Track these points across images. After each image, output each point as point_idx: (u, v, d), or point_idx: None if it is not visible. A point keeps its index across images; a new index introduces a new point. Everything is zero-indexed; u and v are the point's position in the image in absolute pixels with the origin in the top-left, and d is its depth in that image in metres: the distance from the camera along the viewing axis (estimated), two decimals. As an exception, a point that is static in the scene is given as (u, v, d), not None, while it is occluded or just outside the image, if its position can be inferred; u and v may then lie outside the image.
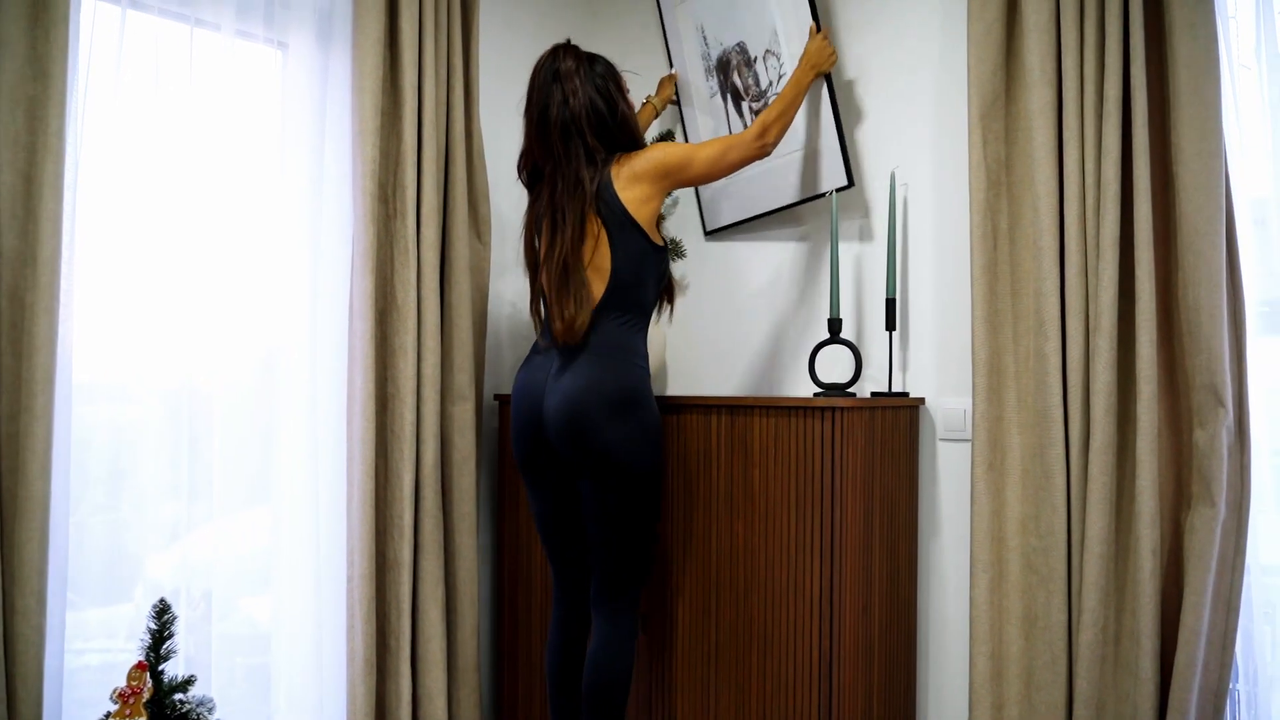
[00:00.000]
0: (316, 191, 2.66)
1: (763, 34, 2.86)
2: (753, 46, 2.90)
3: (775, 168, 2.85)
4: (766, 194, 2.91)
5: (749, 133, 2.46)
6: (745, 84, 2.94)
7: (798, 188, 2.84)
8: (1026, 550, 2.38)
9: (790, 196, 2.85)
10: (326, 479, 2.66)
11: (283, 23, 2.59)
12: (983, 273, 2.42)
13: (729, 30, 2.95)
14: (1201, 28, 2.16)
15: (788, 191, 2.86)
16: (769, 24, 2.84)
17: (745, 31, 2.91)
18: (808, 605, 2.33)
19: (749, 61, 2.91)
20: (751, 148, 2.46)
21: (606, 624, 2.40)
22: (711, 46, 3.01)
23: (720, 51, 2.98)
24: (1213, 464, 2.15)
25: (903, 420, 2.56)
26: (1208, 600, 2.16)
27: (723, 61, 2.99)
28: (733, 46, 2.94)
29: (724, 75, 2.99)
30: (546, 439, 2.38)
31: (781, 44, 2.82)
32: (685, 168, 2.42)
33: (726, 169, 2.47)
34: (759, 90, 2.90)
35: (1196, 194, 2.16)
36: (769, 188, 2.90)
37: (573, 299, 2.32)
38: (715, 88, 3.03)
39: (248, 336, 2.58)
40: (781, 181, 2.87)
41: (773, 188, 2.89)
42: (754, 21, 2.88)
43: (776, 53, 2.83)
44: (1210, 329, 2.14)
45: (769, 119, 2.48)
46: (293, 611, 2.63)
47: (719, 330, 3.08)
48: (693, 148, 2.45)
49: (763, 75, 2.88)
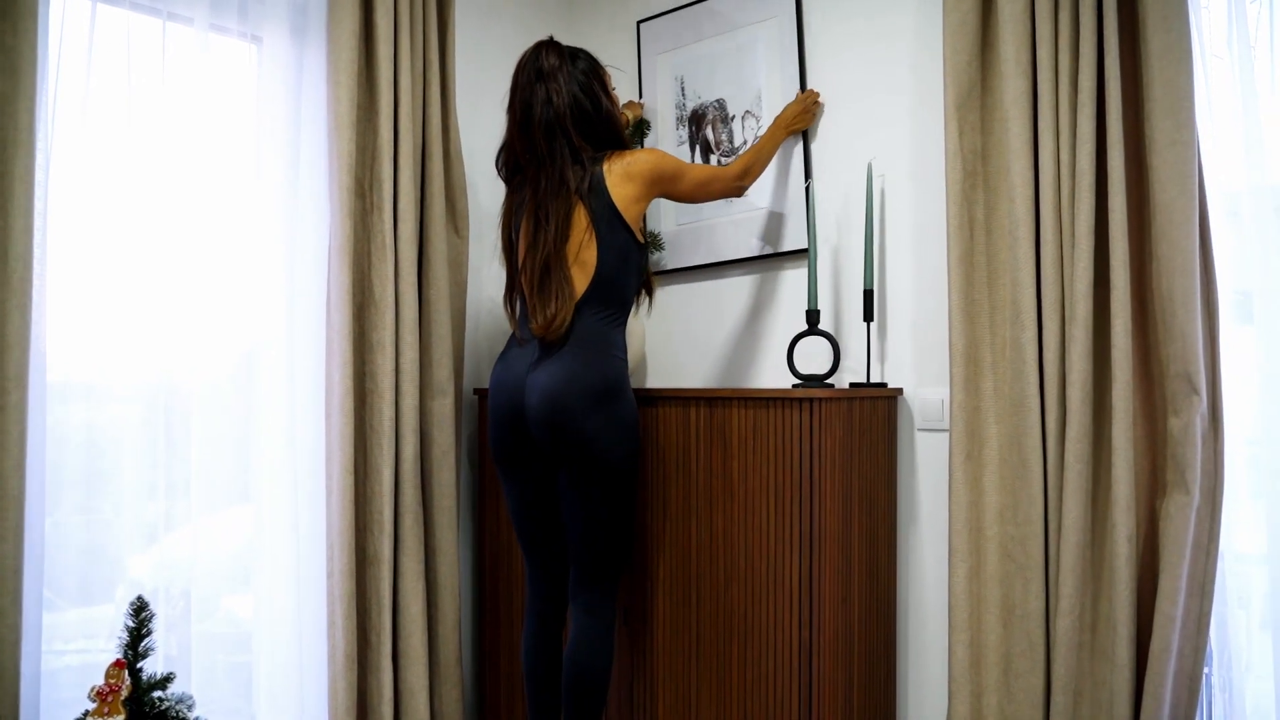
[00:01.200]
0: (292, 186, 2.65)
1: (746, 95, 2.93)
2: (733, 105, 2.97)
3: (740, 221, 2.93)
4: (729, 244, 2.97)
5: (732, 170, 2.59)
6: (718, 139, 3.00)
7: (758, 245, 2.90)
8: (1004, 539, 2.39)
9: (752, 250, 2.92)
10: (305, 475, 2.66)
11: (257, 16, 2.58)
12: (959, 263, 2.43)
13: (709, 86, 3.02)
14: (1174, 19, 2.17)
15: (750, 245, 2.92)
16: (755, 87, 2.91)
17: (727, 90, 2.98)
18: (787, 596, 2.34)
19: (726, 119, 2.98)
20: (731, 185, 2.60)
21: (586, 616, 2.41)
22: (689, 98, 3.06)
23: (697, 104, 3.04)
24: (1187, 451, 2.17)
25: (881, 411, 2.57)
26: (1182, 586, 2.18)
27: (697, 114, 3.04)
28: (711, 102, 3.01)
29: (696, 127, 3.05)
30: (526, 432, 2.38)
31: (763, 108, 2.89)
32: (676, 180, 2.48)
33: (707, 197, 2.59)
34: (731, 147, 2.97)
35: (1170, 184, 2.17)
36: (732, 239, 2.96)
37: (555, 297, 2.32)
38: (684, 137, 3.08)
39: (225, 333, 2.57)
40: (746, 235, 2.93)
41: (736, 239, 2.96)
42: (739, 83, 2.95)
43: (757, 115, 2.91)
44: (1184, 317, 2.16)
45: (750, 162, 2.63)
46: (273, 609, 2.63)
47: (698, 322, 3.08)
48: (685, 165, 2.52)
49: (738, 133, 2.96)
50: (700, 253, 3.04)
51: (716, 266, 3.02)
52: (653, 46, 3.17)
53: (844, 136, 2.77)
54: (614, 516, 2.39)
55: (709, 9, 3.01)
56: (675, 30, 3.11)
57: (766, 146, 2.69)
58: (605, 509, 2.37)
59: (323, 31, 2.65)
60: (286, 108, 2.63)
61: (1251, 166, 2.22)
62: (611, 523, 2.39)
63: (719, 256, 2.98)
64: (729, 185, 2.60)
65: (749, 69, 2.93)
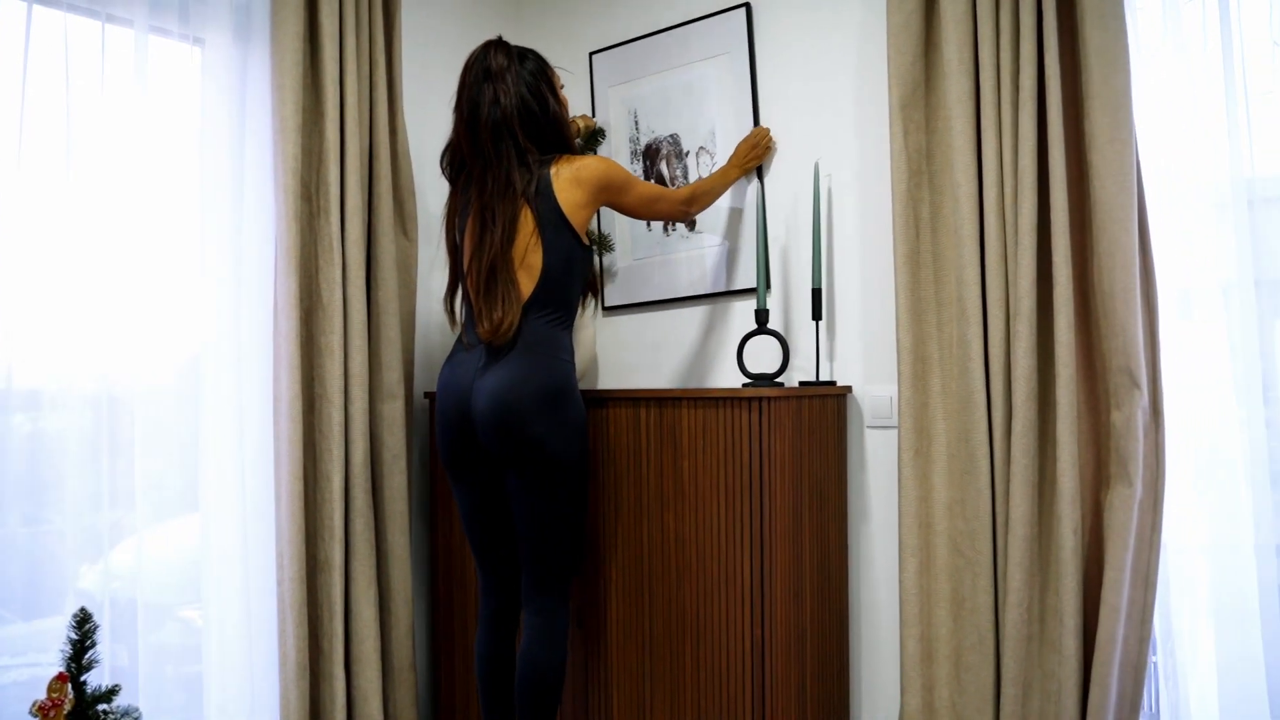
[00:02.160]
0: (238, 190, 2.62)
1: (700, 132, 2.95)
2: (687, 141, 2.98)
3: (694, 259, 2.95)
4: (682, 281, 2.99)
5: (681, 193, 2.61)
6: (672, 174, 3.02)
7: (710, 283, 2.92)
8: (953, 534, 2.42)
9: (704, 288, 2.93)
10: (254, 482, 2.63)
11: (199, 18, 2.55)
12: (906, 261, 2.45)
13: (663, 121, 3.03)
14: (1110, 18, 2.20)
15: (703, 282, 2.94)
16: (708, 125, 2.93)
17: (681, 125, 2.99)
18: (739, 594, 2.35)
19: (680, 154, 2.99)
20: (678, 209, 2.62)
21: (538, 618, 2.40)
22: (642, 133, 3.07)
23: (651, 139, 3.05)
24: (1129, 444, 2.20)
25: (830, 409, 2.59)
26: (1127, 577, 2.21)
27: (651, 149, 3.05)
28: (665, 137, 3.02)
29: (650, 162, 3.06)
30: (474, 436, 2.37)
31: (717, 144, 2.91)
32: (623, 191, 2.48)
33: (651, 215, 2.61)
34: (685, 182, 2.98)
35: (1109, 181, 2.20)
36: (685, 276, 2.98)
37: (500, 301, 2.31)
38: (639, 171, 3.09)
39: (170, 340, 2.54)
40: (699, 272, 2.95)
41: (689, 276, 2.97)
42: (693, 119, 2.96)
43: (711, 151, 2.92)
44: (1125, 312, 2.19)
45: (699, 190, 2.66)
46: (223, 617, 2.60)
47: (649, 324, 3.08)
48: (634, 179, 2.52)
49: (693, 169, 2.97)
50: (655, 288, 3.04)
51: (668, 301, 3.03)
52: (605, 79, 3.16)
53: (792, 138, 2.79)
54: (564, 519, 2.39)
55: (661, 43, 3.01)
56: (628, 63, 3.10)
57: (718, 182, 2.71)
58: (555, 512, 2.36)
59: (266, 33, 2.62)
60: (230, 111, 2.60)
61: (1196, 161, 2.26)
62: (562, 526, 2.38)
63: (672, 294, 2.99)
64: (675, 208, 2.60)
65: (702, 105, 2.93)
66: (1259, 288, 2.21)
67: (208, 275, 2.57)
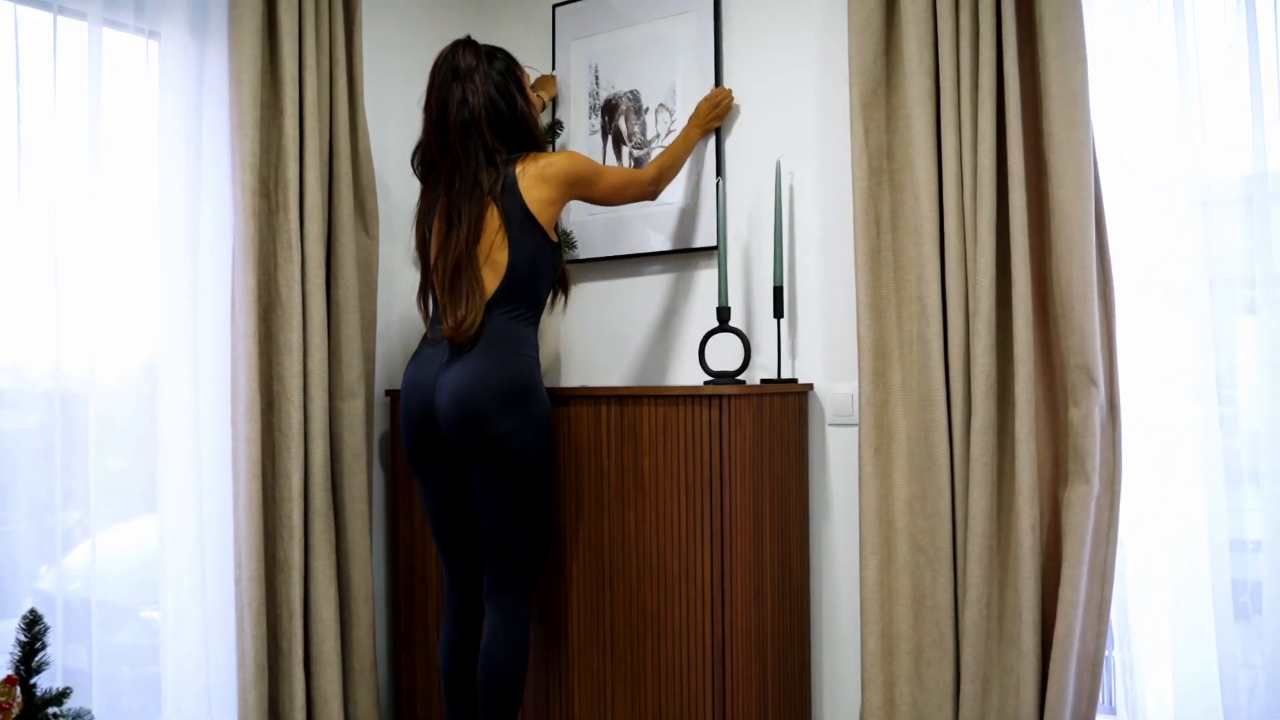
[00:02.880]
0: (195, 186, 2.59)
1: (660, 88, 2.93)
2: (647, 98, 2.96)
3: (651, 215, 2.93)
4: (640, 238, 2.97)
5: (646, 174, 2.60)
6: (630, 130, 3.00)
7: (670, 240, 2.91)
8: (914, 531, 2.43)
9: (664, 245, 2.92)
10: (211, 481, 2.60)
11: (154, 11, 2.51)
12: (866, 259, 2.46)
13: (624, 77, 3.01)
14: (1068, 19, 2.22)
15: (661, 240, 2.93)
16: (669, 81, 2.91)
17: (642, 82, 2.97)
18: (699, 592, 2.34)
19: (639, 110, 2.97)
20: (646, 190, 2.61)
21: (500, 615, 2.39)
22: (602, 88, 3.05)
23: (611, 94, 3.03)
24: (1087, 441, 2.22)
25: (791, 406, 2.59)
26: (1084, 573, 2.23)
27: (610, 104, 3.04)
28: (625, 92, 3.00)
29: (609, 117, 3.04)
30: (438, 433, 2.36)
31: (677, 101, 2.90)
32: (591, 184, 2.48)
33: (621, 201, 2.60)
34: (643, 139, 2.97)
35: (1067, 179, 2.22)
36: (643, 233, 2.97)
37: (464, 299, 2.31)
38: (597, 126, 3.07)
39: (126, 337, 2.50)
40: (658, 230, 2.94)
41: (647, 233, 2.96)
42: (654, 75, 2.94)
43: (670, 109, 2.91)
44: (1082, 311, 2.21)
45: (664, 165, 2.64)
46: (181, 618, 2.57)
47: (614, 321, 3.07)
48: (600, 168, 2.51)
49: (651, 127, 2.95)
50: (611, 245, 3.02)
51: (631, 262, 3.01)
52: (568, 32, 3.14)
53: (755, 135, 2.79)
54: (528, 516, 2.38)
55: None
56: (592, 16, 3.08)
57: (681, 148, 2.71)
58: (519, 509, 2.36)
59: (224, 28, 2.59)
60: (187, 106, 2.57)
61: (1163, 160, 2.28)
62: (526, 523, 2.38)
63: (631, 249, 2.98)
64: (643, 189, 2.61)
65: (665, 61, 2.92)
66: (1213, 287, 2.23)
67: (165, 272, 2.54)
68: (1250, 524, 2.20)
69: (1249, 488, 2.20)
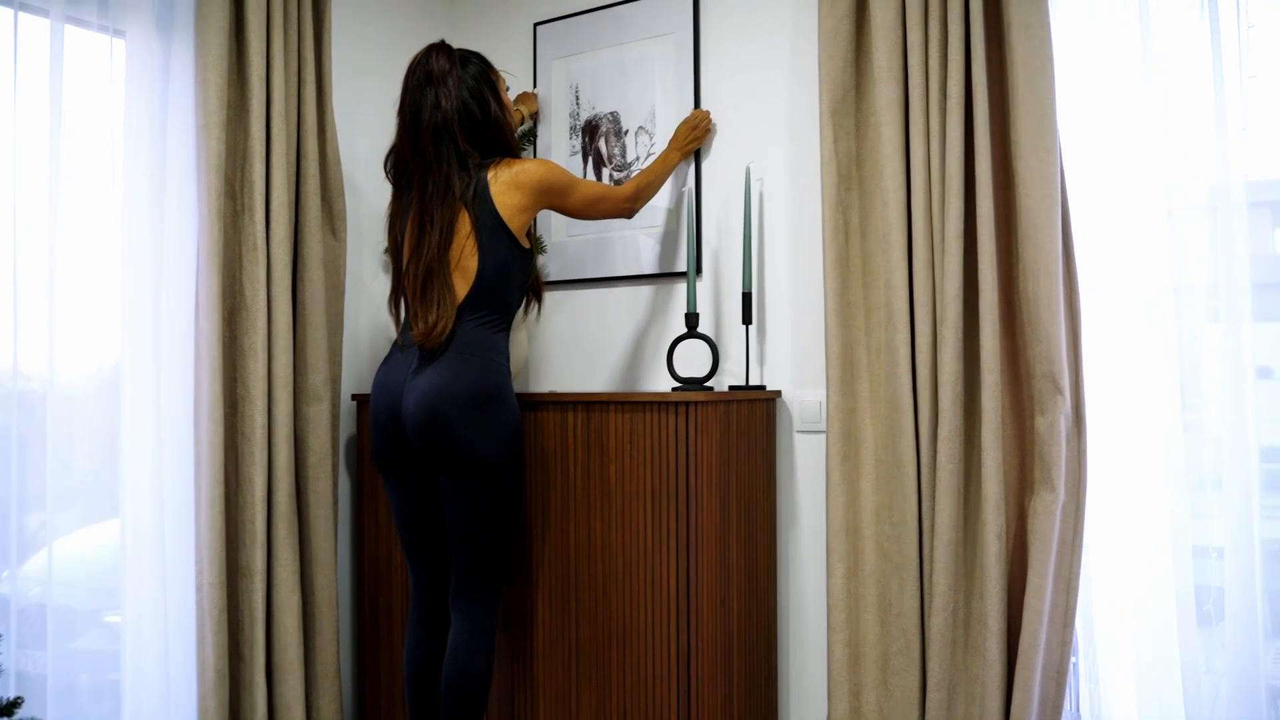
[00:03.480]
0: (159, 187, 2.55)
1: (641, 110, 2.93)
2: (627, 120, 2.96)
3: (631, 238, 2.93)
4: (620, 260, 2.97)
5: (623, 191, 2.59)
6: (610, 152, 2.99)
7: (649, 264, 2.90)
8: (881, 539, 2.42)
9: (642, 268, 2.92)
10: (173, 485, 2.56)
11: (118, 9, 2.48)
12: (835, 266, 2.46)
13: (605, 98, 3.00)
14: (1036, 28, 2.22)
15: (640, 263, 2.93)
16: (649, 103, 2.91)
17: (623, 103, 2.97)
18: (665, 600, 2.33)
19: (619, 132, 2.97)
20: (621, 206, 2.60)
21: (465, 622, 2.37)
22: (583, 108, 3.05)
23: (591, 115, 3.03)
24: (1052, 450, 2.22)
25: (759, 413, 2.58)
26: (1049, 582, 2.23)
27: (591, 125, 3.03)
28: (606, 114, 3.00)
29: (589, 138, 3.03)
30: (406, 438, 2.34)
31: (657, 124, 2.90)
32: (564, 195, 2.46)
33: (595, 215, 2.58)
34: (623, 161, 2.96)
35: (1034, 188, 2.22)
36: (623, 255, 2.96)
37: (435, 304, 2.29)
38: (578, 147, 3.06)
39: (87, 339, 2.47)
40: (637, 253, 2.94)
41: (626, 256, 2.96)
42: (635, 97, 2.94)
43: (650, 131, 2.91)
44: (1048, 319, 2.21)
45: (641, 185, 2.63)
46: (141, 624, 2.53)
47: (586, 327, 3.06)
48: (575, 180, 2.49)
49: (631, 149, 2.95)
50: (590, 266, 3.02)
51: (606, 280, 3.00)
52: (549, 51, 3.13)
53: (727, 143, 2.79)
54: (495, 523, 2.36)
55: (609, 18, 2.99)
56: (573, 36, 3.08)
57: (660, 169, 2.70)
58: (486, 515, 2.34)
59: (190, 26, 2.56)
60: (152, 106, 2.54)
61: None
62: (492, 530, 2.36)
63: (609, 271, 2.97)
64: (618, 205, 2.59)
65: (645, 83, 2.92)
66: (1178, 295, 2.24)
67: (128, 273, 2.51)
68: (1214, 531, 2.21)
69: (1213, 494, 2.21)
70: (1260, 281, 2.17)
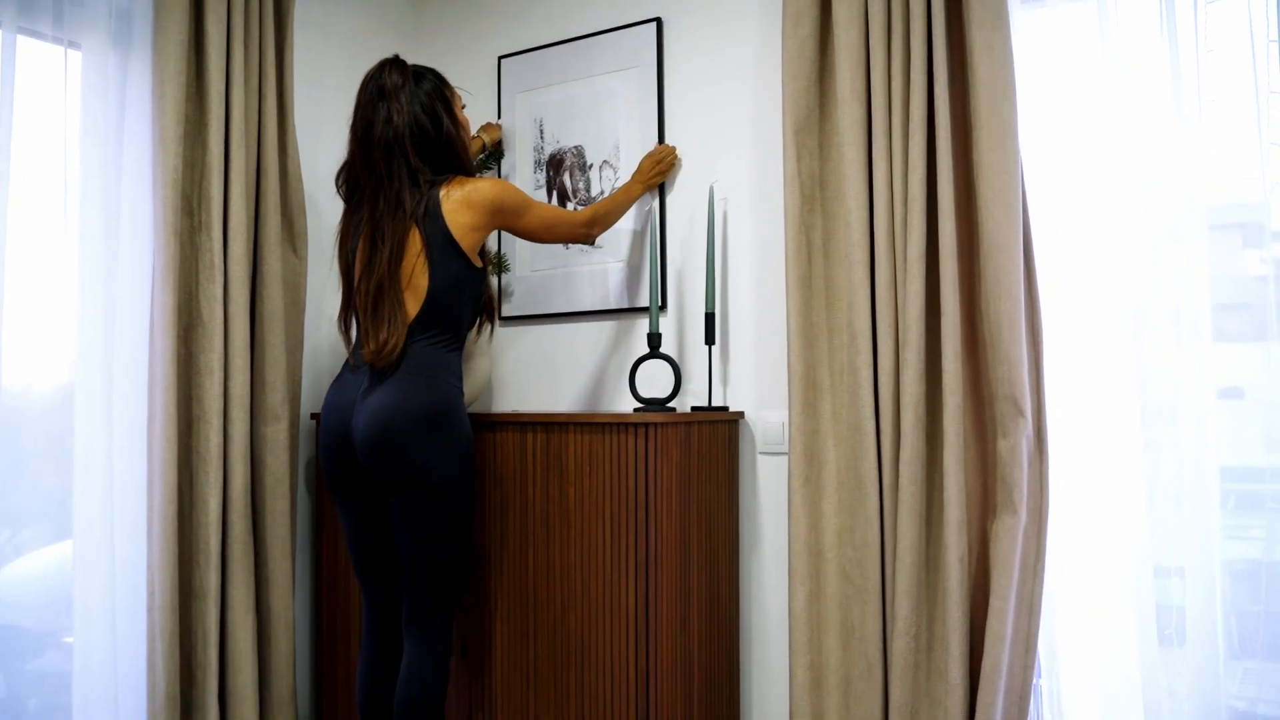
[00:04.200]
0: (114, 201, 2.52)
1: (605, 144, 2.92)
2: (591, 154, 2.95)
3: (597, 273, 2.91)
4: (584, 295, 2.95)
5: (581, 216, 2.56)
6: (575, 186, 2.98)
7: (614, 299, 2.88)
8: (843, 562, 2.40)
9: (607, 304, 2.90)
10: (125, 506, 2.52)
11: (74, 21, 2.44)
12: (797, 286, 2.44)
13: (569, 132, 2.99)
14: (998, 50, 2.22)
15: (605, 298, 2.90)
16: (613, 137, 2.90)
17: (586, 137, 2.96)
18: (623, 622, 2.30)
19: (584, 166, 2.96)
20: (578, 231, 2.57)
21: (417, 647, 2.33)
22: (547, 142, 3.04)
23: (556, 149, 3.02)
24: (1014, 472, 2.21)
25: (721, 434, 2.56)
26: (1011, 605, 2.22)
27: (555, 159, 3.02)
28: (570, 148, 2.98)
29: (554, 172, 3.02)
30: (355, 459, 2.30)
31: (621, 158, 2.88)
32: (518, 216, 2.43)
33: (552, 239, 2.55)
34: (588, 196, 2.95)
35: (996, 210, 2.22)
36: (588, 291, 2.94)
37: (386, 322, 2.26)
38: (542, 181, 3.05)
39: (40, 356, 2.43)
40: (602, 288, 2.92)
41: (592, 291, 2.94)
42: (598, 131, 2.93)
43: (614, 165, 2.90)
44: (1010, 341, 2.20)
45: (599, 212, 2.60)
46: (91, 647, 2.48)
47: (547, 340, 3.03)
48: (530, 202, 2.46)
49: (595, 183, 2.93)
50: (555, 302, 2.99)
51: (571, 315, 2.98)
52: (513, 84, 3.12)
53: (691, 162, 2.77)
54: (446, 546, 2.32)
55: (572, 52, 2.98)
56: (537, 70, 3.06)
57: (621, 199, 2.68)
58: (437, 538, 2.30)
59: (148, 40, 2.53)
60: (108, 119, 2.50)
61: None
62: (443, 553, 2.32)
63: (573, 307, 2.95)
64: (575, 230, 2.56)
65: (609, 117, 2.91)
66: (1139, 315, 2.24)
67: (82, 289, 2.46)
68: (1174, 550, 2.20)
69: (1173, 514, 2.20)
70: (1220, 303, 2.18)
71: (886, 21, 2.36)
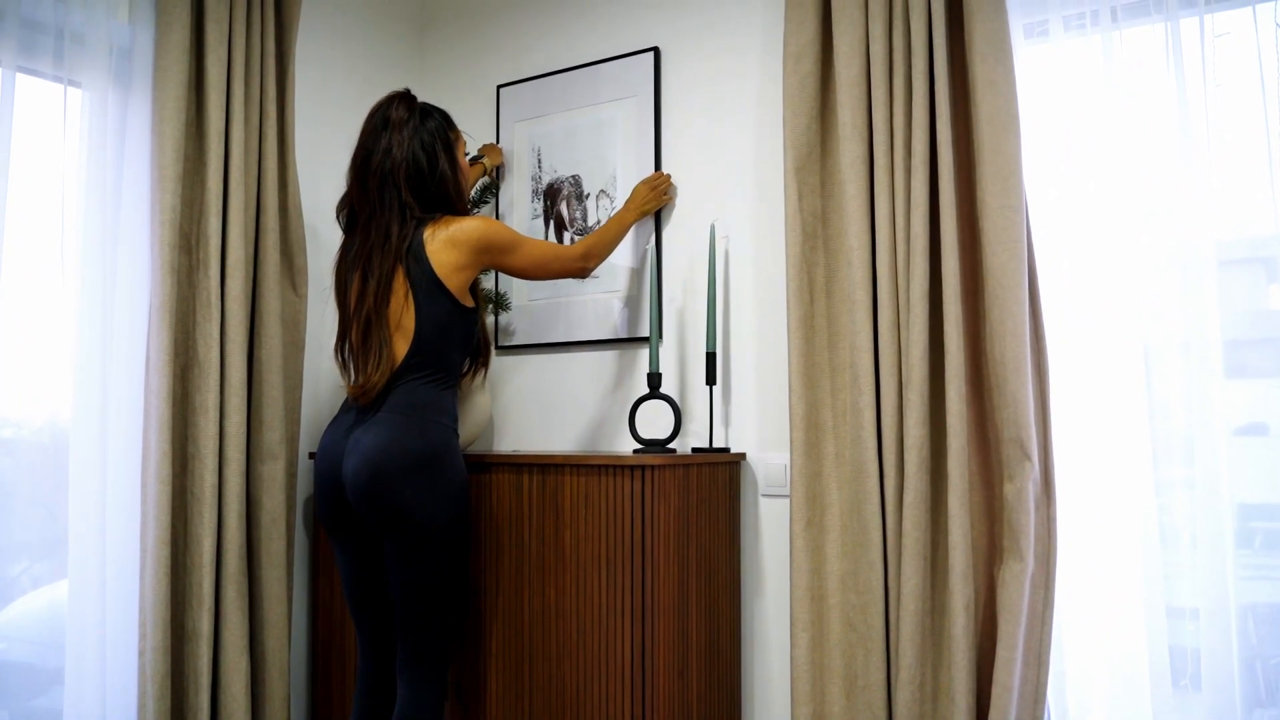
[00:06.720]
0: (112, 239, 2.50)
1: (602, 174, 2.91)
2: (588, 183, 2.93)
3: (597, 302, 2.88)
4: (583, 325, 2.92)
5: (575, 250, 2.51)
6: (572, 215, 2.96)
7: (612, 329, 2.85)
8: (846, 608, 2.34)
9: (605, 334, 2.87)
10: (118, 546, 2.49)
11: (74, 60, 2.44)
12: (799, 326, 2.40)
13: (566, 161, 2.98)
14: (1002, 85, 2.19)
15: (604, 328, 2.87)
16: (610, 166, 2.89)
17: (584, 167, 2.94)
18: (619, 670, 2.24)
19: (581, 196, 2.94)
20: (573, 266, 2.51)
21: (409, 691, 2.28)
22: (545, 172, 3.03)
23: (553, 179, 3.01)
24: (1021, 517, 2.15)
25: (722, 476, 2.51)
26: (1019, 655, 2.14)
27: (552, 189, 3.00)
28: (567, 177, 2.97)
29: (550, 201, 3.01)
30: (346, 501, 2.27)
31: (618, 187, 2.87)
32: (507, 253, 2.38)
33: (545, 275, 2.50)
34: (584, 225, 2.93)
35: (1000, 248, 2.17)
36: (587, 320, 2.91)
37: (372, 359, 2.24)
38: (539, 211, 3.03)
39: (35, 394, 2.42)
40: (601, 318, 2.88)
41: (590, 320, 2.90)
42: (595, 161, 2.92)
43: (611, 194, 2.88)
44: (1015, 383, 2.15)
45: (594, 245, 2.54)
46: (82, 689, 2.44)
47: (549, 387, 2.99)
48: (520, 239, 2.41)
49: (592, 212, 2.92)
50: (553, 331, 2.96)
51: (570, 344, 2.95)
52: (511, 113, 3.11)
53: (689, 200, 2.74)
54: (439, 588, 2.27)
55: (571, 81, 2.97)
56: (536, 99, 3.06)
57: (614, 229, 2.63)
58: (429, 582, 2.25)
59: (149, 79, 2.53)
60: (107, 157, 2.49)
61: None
62: (436, 597, 2.27)
63: (574, 336, 2.92)
64: (569, 265, 2.50)
65: (606, 146, 2.90)
66: (1148, 353, 2.18)
67: (79, 327, 2.45)
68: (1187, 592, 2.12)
69: (1187, 555, 2.13)
70: (1231, 339, 2.12)
71: (888, 57, 2.33)
